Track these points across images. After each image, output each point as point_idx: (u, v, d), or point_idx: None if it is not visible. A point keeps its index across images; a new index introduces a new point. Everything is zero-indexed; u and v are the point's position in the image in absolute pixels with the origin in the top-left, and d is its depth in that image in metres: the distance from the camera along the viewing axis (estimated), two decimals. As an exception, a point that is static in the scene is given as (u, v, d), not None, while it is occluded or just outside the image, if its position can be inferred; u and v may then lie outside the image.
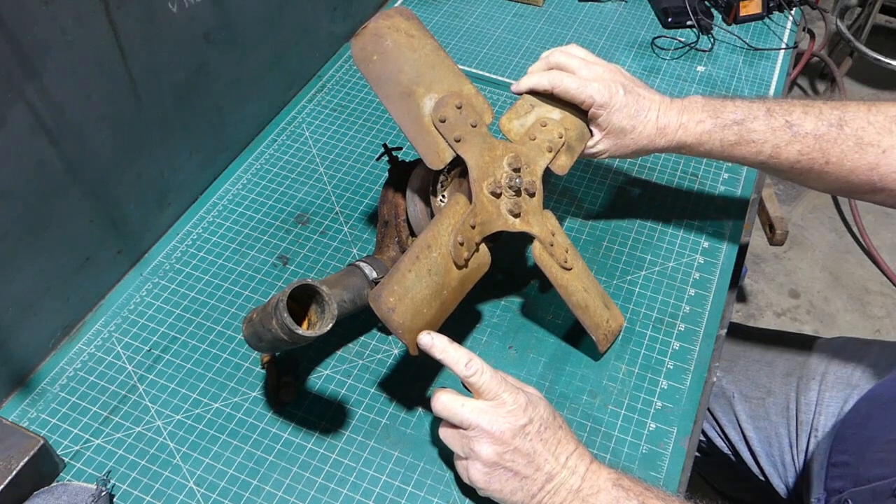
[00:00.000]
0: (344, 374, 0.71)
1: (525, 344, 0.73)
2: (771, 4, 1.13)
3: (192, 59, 0.77)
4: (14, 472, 0.58)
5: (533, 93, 0.70)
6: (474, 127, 0.64)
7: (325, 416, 0.68)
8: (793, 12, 1.15)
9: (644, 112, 0.69)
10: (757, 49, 1.08)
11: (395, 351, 0.73)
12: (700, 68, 1.05)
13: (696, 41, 1.09)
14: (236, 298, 0.77)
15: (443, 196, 0.66)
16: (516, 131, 0.69)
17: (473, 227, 0.62)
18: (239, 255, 0.81)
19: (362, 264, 0.66)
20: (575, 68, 0.69)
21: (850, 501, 0.67)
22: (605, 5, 1.17)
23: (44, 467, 0.61)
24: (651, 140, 0.69)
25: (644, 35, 1.11)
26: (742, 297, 1.81)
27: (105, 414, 0.68)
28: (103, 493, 0.60)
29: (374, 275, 0.65)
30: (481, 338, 0.74)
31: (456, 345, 0.58)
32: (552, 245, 0.67)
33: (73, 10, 0.61)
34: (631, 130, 0.69)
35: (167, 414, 0.68)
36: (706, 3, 1.15)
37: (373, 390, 0.70)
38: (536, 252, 0.66)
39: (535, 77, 0.69)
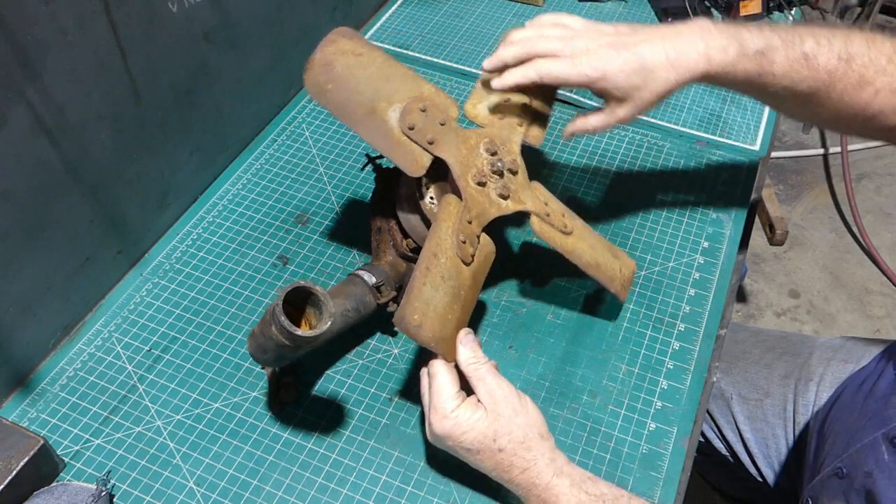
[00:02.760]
0: (344, 374, 0.71)
1: (525, 344, 0.73)
2: (771, 4, 1.13)
3: (192, 59, 0.77)
4: (14, 472, 0.58)
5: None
6: (443, 125, 0.64)
7: (325, 416, 0.68)
8: (793, 12, 1.15)
9: (647, 59, 0.62)
10: (757, 49, 1.08)
11: (396, 351, 0.73)
12: (700, 68, 1.05)
13: (696, 41, 1.08)
14: (236, 298, 0.77)
15: (431, 196, 0.66)
16: (483, 115, 0.69)
17: (471, 223, 0.62)
18: (239, 255, 0.81)
19: (361, 272, 0.67)
20: (557, 50, 0.65)
21: (809, 501, 0.69)
22: (605, 5, 1.17)
23: (44, 467, 0.61)
24: (668, 82, 0.63)
25: (644, 35, 1.11)
26: (742, 297, 1.81)
27: (105, 414, 0.68)
28: (103, 493, 0.60)
29: (374, 280, 0.66)
30: (481, 338, 0.74)
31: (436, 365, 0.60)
32: (548, 215, 0.67)
33: (73, 10, 0.61)
34: (642, 85, 0.63)
35: (167, 414, 0.68)
36: (706, 2, 1.15)
37: (373, 390, 0.70)
38: (536, 227, 0.66)
39: (519, 71, 0.65)
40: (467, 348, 0.59)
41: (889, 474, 0.59)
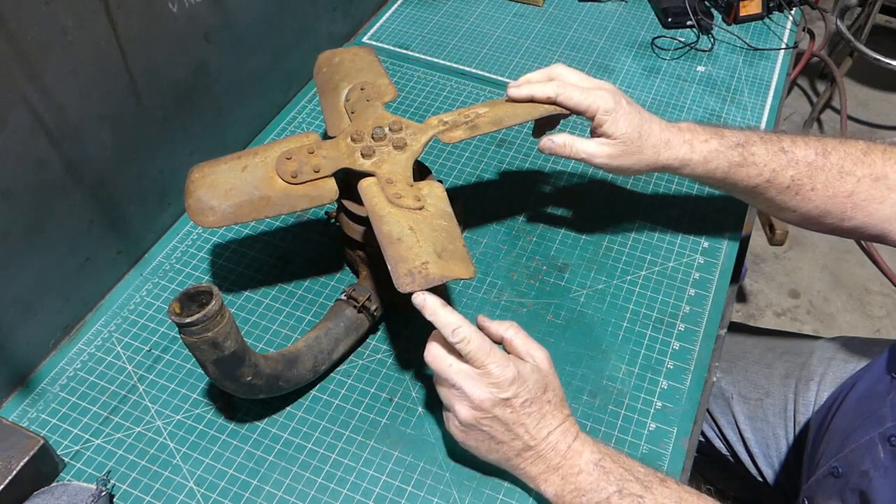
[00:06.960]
0: (344, 374, 0.71)
1: (525, 344, 0.73)
2: (771, 4, 1.13)
3: (192, 59, 0.77)
4: (14, 472, 0.58)
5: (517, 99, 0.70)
6: (369, 101, 0.71)
7: (325, 416, 0.68)
8: (793, 12, 1.15)
9: (647, 122, 0.68)
10: (757, 49, 1.08)
11: (396, 351, 0.73)
12: (700, 68, 1.05)
13: (696, 41, 1.09)
14: (236, 298, 0.77)
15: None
16: (431, 119, 0.70)
17: (312, 153, 0.66)
18: (239, 255, 0.81)
19: (343, 296, 0.69)
20: (575, 81, 0.69)
21: (805, 501, 0.70)
22: (605, 5, 1.17)
23: (44, 467, 0.61)
24: (657, 151, 0.68)
25: (644, 35, 1.11)
26: (742, 297, 1.81)
27: (105, 414, 0.68)
28: (103, 493, 0.60)
29: (357, 299, 0.69)
30: (481, 338, 0.74)
31: (448, 308, 0.55)
32: (390, 182, 0.63)
33: (73, 10, 0.61)
34: (637, 138, 0.67)
35: (167, 414, 0.68)
36: (706, 3, 1.15)
37: (373, 390, 0.70)
38: (361, 184, 0.64)
39: (538, 86, 0.68)
40: (450, 316, 0.55)
41: (885, 473, 0.60)
